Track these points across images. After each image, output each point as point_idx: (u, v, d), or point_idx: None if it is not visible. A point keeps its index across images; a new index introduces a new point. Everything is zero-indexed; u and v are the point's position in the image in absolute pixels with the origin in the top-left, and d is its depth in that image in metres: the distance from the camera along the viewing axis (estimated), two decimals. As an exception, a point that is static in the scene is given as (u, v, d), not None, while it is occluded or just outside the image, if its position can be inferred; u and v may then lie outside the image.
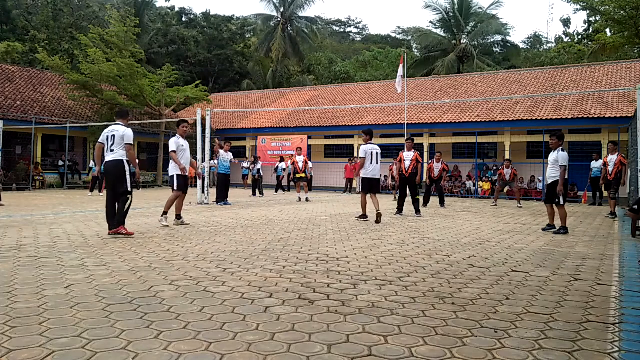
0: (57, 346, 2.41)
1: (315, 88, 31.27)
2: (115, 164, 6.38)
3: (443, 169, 13.07)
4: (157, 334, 2.60)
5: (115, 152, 6.40)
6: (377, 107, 23.36)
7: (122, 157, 6.39)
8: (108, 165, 6.46)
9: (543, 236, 7.17)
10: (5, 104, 19.94)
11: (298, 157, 14.90)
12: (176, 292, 3.50)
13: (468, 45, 35.81)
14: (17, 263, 4.46)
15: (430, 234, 7.13)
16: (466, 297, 3.50)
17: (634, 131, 11.72)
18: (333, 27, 64.50)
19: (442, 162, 13.01)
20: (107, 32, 21.87)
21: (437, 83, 25.78)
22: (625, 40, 16.64)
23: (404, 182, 10.40)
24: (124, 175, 6.36)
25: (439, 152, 13.84)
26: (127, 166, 6.40)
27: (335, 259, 4.92)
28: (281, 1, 43.40)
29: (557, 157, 7.54)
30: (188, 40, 39.86)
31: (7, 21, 34.36)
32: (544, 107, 19.40)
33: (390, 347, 2.49)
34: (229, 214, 9.95)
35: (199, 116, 13.58)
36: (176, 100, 23.87)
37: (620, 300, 3.50)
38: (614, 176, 10.47)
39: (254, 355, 2.34)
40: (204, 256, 4.97)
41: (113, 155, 6.40)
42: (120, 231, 6.26)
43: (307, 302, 3.31)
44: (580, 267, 4.73)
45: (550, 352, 2.46)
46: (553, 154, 7.66)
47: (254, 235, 6.61)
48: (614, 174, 10.48)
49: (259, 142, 24.76)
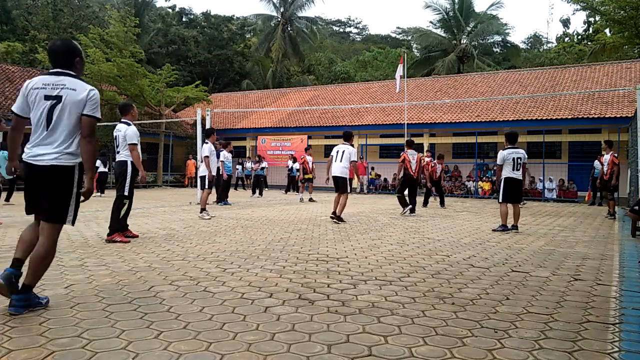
0: (57, 346, 2.41)
1: (315, 88, 31.27)
2: (119, 164, 6.15)
3: (443, 170, 13.19)
4: (157, 334, 2.60)
5: (120, 154, 6.14)
6: (377, 107, 23.36)
7: (126, 157, 6.10)
8: (114, 166, 6.37)
9: (543, 236, 7.17)
10: (5, 104, 19.95)
11: (308, 157, 15.02)
12: (176, 292, 3.50)
13: (468, 46, 35.81)
14: (17, 263, 4.46)
15: (430, 234, 7.13)
16: (466, 297, 3.50)
17: (634, 131, 11.72)
18: (333, 27, 64.54)
19: (442, 163, 13.16)
20: (107, 32, 21.88)
21: (437, 83, 25.79)
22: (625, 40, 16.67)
23: (412, 182, 10.44)
24: (124, 177, 6.04)
25: (441, 154, 13.91)
26: (129, 168, 6.07)
27: (335, 259, 4.92)
28: (281, 1, 43.39)
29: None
30: (188, 40, 39.85)
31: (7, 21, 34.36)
32: (544, 107, 19.40)
33: (390, 347, 2.49)
34: (229, 214, 9.95)
35: (199, 116, 13.59)
36: (176, 101, 23.89)
37: (620, 300, 3.50)
38: (608, 176, 10.45)
39: (254, 355, 2.34)
40: (204, 256, 4.97)
41: (118, 157, 6.17)
42: (115, 239, 5.79)
43: (307, 302, 3.31)
44: (580, 267, 4.73)
45: (550, 352, 2.46)
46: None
47: (254, 235, 6.61)
48: (608, 173, 10.47)
49: (259, 142, 24.77)
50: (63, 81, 3.05)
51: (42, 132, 3.02)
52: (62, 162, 3.00)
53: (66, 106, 3.01)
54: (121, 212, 6.00)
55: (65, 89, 3.03)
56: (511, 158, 7.64)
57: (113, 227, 5.91)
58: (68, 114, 3.02)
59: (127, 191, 6.06)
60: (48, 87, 3.04)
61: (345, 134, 9.30)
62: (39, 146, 3.02)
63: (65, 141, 3.02)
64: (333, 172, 8.98)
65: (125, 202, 6.06)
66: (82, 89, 3.05)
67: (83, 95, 3.04)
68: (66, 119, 3.02)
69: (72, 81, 3.07)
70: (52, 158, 2.99)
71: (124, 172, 6.07)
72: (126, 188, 6.06)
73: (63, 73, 3.09)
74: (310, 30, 45.43)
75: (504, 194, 7.68)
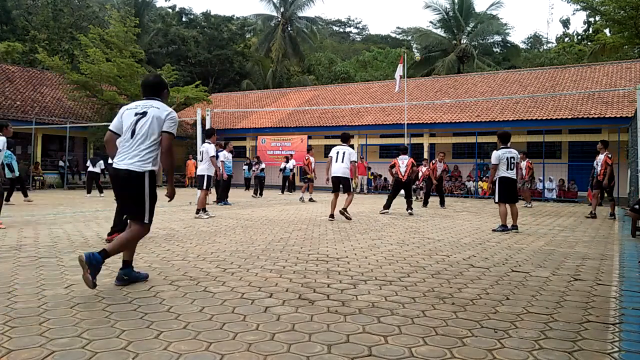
0: (57, 346, 2.41)
1: (315, 88, 31.27)
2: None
3: (444, 170, 13.14)
4: (157, 334, 2.60)
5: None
6: (377, 107, 23.36)
7: None
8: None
9: (543, 236, 7.17)
10: (5, 104, 19.95)
11: (312, 157, 15.24)
12: (176, 292, 3.50)
13: (468, 46, 35.81)
14: (17, 263, 4.46)
15: (430, 234, 7.13)
16: (466, 297, 3.50)
17: (634, 131, 11.72)
18: (333, 27, 64.48)
19: (443, 162, 13.13)
20: (107, 32, 21.87)
21: (437, 83, 25.78)
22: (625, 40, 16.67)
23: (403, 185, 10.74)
24: None
25: (442, 152, 13.89)
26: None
27: (335, 259, 4.92)
28: (281, 1, 43.38)
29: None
30: (188, 40, 39.82)
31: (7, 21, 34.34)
32: (544, 107, 19.40)
33: (390, 347, 2.49)
34: (229, 214, 9.95)
35: (199, 116, 13.59)
36: (176, 101, 23.86)
37: (620, 300, 3.50)
38: (602, 176, 10.46)
39: (254, 355, 2.34)
40: (204, 256, 4.97)
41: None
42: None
43: (307, 302, 3.31)
44: (580, 267, 4.73)
45: (550, 352, 2.46)
46: None
47: (254, 235, 6.61)
48: (601, 174, 10.48)
49: (259, 142, 24.76)
50: (151, 103, 3.73)
51: (126, 142, 3.64)
52: (136, 168, 3.58)
53: (148, 120, 3.62)
54: None
55: (152, 108, 3.69)
56: (505, 157, 7.67)
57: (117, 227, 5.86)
58: (149, 126, 3.61)
59: None
60: (139, 107, 3.72)
61: (343, 135, 9.51)
62: (122, 154, 3.63)
63: (143, 150, 3.60)
64: (334, 173, 9.05)
65: None
66: (164, 110, 3.70)
67: (164, 114, 3.67)
68: (147, 131, 3.61)
69: (158, 104, 3.75)
70: (129, 164, 3.58)
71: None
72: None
73: (152, 99, 3.79)
74: (310, 30, 45.41)
75: (500, 193, 7.70)
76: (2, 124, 7.90)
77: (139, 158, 3.57)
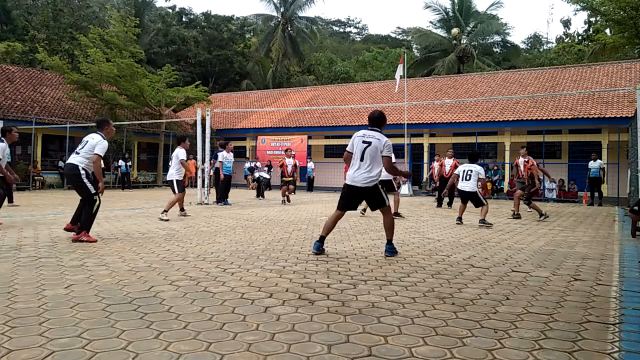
0: (57, 346, 2.40)
1: (315, 88, 31.28)
2: (71, 167, 5.93)
3: (455, 166, 12.90)
4: (157, 334, 2.60)
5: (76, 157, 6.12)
6: (377, 107, 23.35)
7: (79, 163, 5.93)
8: (65, 167, 6.31)
9: (543, 236, 7.18)
10: (5, 104, 19.94)
11: (287, 159, 13.56)
12: (176, 292, 3.50)
13: (468, 46, 35.82)
14: (17, 263, 4.46)
15: (430, 234, 7.13)
16: (466, 297, 3.50)
17: (634, 131, 11.72)
18: (333, 27, 64.49)
19: (453, 159, 13.09)
20: (107, 32, 21.86)
21: (437, 83, 25.79)
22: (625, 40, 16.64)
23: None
24: (81, 180, 5.88)
25: (451, 149, 13.94)
26: (81, 172, 5.90)
27: (335, 259, 4.92)
28: (281, 1, 43.40)
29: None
30: (188, 40, 39.83)
31: (7, 21, 34.34)
32: (544, 107, 19.40)
33: (390, 347, 2.49)
34: (229, 214, 9.95)
35: (199, 116, 13.59)
36: (176, 101, 23.88)
37: (620, 300, 3.50)
38: (528, 181, 10.43)
39: (254, 356, 2.34)
40: (204, 256, 4.97)
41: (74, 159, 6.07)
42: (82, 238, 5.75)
43: (307, 302, 3.30)
44: (580, 267, 4.73)
45: (550, 352, 2.46)
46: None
47: (254, 235, 6.61)
48: (527, 178, 10.49)
49: (259, 142, 24.76)
50: (373, 134, 5.07)
51: (357, 163, 5.03)
52: (371, 184, 5.02)
53: (372, 149, 4.98)
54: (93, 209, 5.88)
55: (374, 139, 5.02)
56: (462, 170, 8.93)
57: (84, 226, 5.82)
58: (373, 153, 4.97)
59: (93, 189, 5.88)
60: (365, 136, 5.08)
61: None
62: (356, 172, 5.03)
63: (371, 170, 4.99)
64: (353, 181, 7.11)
65: (96, 200, 5.91)
66: (382, 139, 5.01)
67: (382, 143, 4.99)
68: (371, 156, 4.98)
69: (378, 135, 5.06)
70: (363, 179, 4.99)
71: (78, 175, 5.85)
72: (91, 188, 5.87)
73: (374, 130, 5.13)
74: (310, 30, 45.43)
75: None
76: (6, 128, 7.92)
77: (368, 175, 5.10)
